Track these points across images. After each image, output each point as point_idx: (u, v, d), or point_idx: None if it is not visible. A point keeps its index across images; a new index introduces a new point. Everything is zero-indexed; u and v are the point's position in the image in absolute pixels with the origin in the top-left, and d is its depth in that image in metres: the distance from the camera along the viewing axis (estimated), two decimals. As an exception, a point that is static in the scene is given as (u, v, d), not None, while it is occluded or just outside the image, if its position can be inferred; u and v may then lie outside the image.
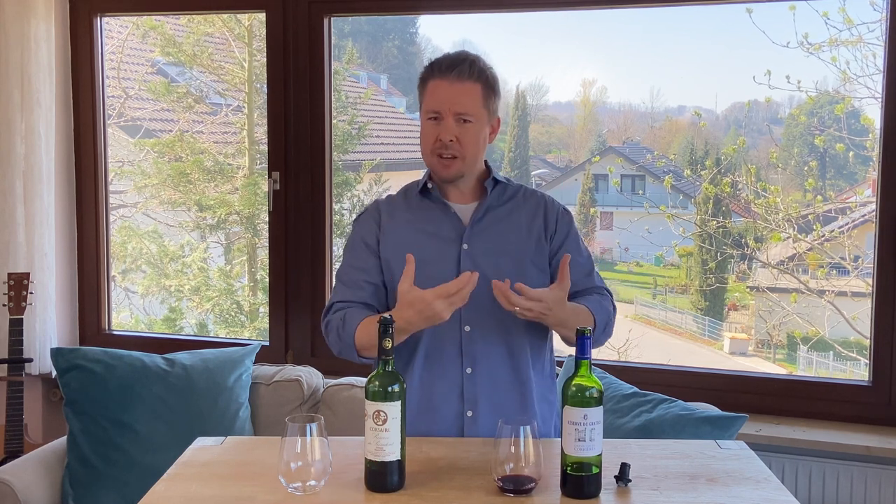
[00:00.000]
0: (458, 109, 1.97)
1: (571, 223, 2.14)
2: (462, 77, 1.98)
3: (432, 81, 2.01)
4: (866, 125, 3.82)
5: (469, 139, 1.99)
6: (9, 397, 3.10)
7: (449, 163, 2.00)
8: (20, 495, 2.58)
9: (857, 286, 4.04)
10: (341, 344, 2.00)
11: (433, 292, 1.80)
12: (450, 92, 1.97)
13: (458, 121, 1.98)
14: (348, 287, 2.06)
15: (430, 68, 2.03)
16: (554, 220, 2.10)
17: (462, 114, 1.97)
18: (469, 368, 2.00)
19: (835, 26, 3.62)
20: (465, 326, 2.00)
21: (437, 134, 1.98)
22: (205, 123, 4.92)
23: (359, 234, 2.12)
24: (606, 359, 3.43)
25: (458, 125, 1.98)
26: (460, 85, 1.98)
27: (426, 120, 2.01)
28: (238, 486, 1.70)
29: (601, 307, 2.03)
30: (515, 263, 2.02)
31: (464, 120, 1.98)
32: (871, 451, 2.68)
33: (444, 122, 1.98)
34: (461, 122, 1.98)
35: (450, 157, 1.99)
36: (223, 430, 2.75)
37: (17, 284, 3.15)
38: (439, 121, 1.99)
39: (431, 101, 2.00)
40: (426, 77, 2.03)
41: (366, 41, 5.57)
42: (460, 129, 1.98)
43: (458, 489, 1.66)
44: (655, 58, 5.23)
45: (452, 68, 1.98)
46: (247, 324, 4.88)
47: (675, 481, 1.72)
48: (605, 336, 2.06)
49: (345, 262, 2.12)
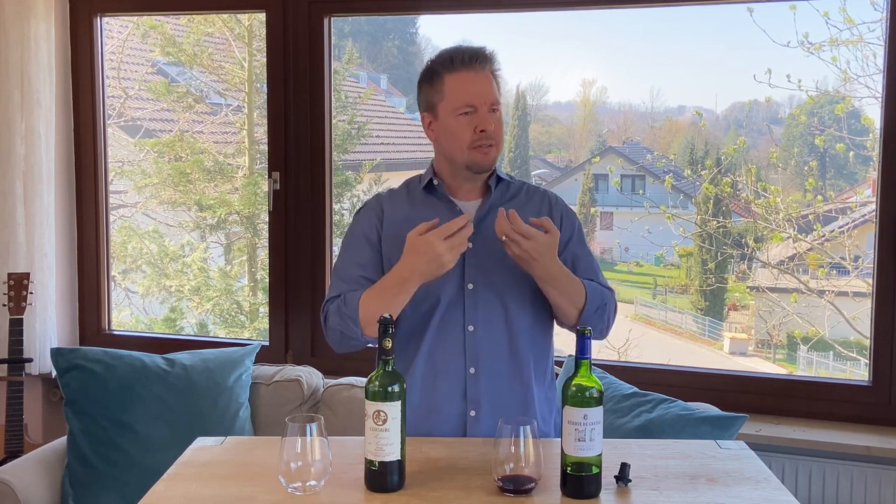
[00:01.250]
0: (492, 99, 1.98)
1: (576, 221, 2.13)
2: (485, 67, 1.99)
3: (456, 74, 1.98)
4: (866, 125, 3.81)
5: (501, 127, 2.01)
6: (9, 397, 3.10)
7: (488, 150, 1.99)
8: (20, 495, 2.59)
9: (858, 286, 4.04)
10: (343, 324, 1.94)
11: (434, 234, 1.83)
12: (480, 83, 1.97)
13: (490, 110, 1.98)
14: (345, 282, 2.02)
15: (448, 62, 1.99)
16: (559, 218, 2.08)
17: (493, 103, 1.98)
18: (472, 368, 1.99)
19: (835, 26, 3.62)
20: (468, 326, 1.99)
21: (475, 126, 1.96)
22: (205, 123, 4.92)
23: (359, 228, 2.09)
24: (606, 359, 3.43)
25: (491, 115, 1.98)
26: (485, 75, 1.99)
27: (457, 116, 1.97)
28: (238, 486, 1.70)
29: (596, 289, 2.00)
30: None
31: (493, 109, 1.99)
32: (871, 451, 2.68)
33: (479, 112, 1.97)
34: (492, 112, 1.99)
35: (488, 146, 1.98)
36: (223, 430, 2.75)
37: (17, 284, 3.15)
38: (472, 114, 1.97)
39: (463, 94, 1.97)
40: (443, 71, 1.99)
41: (366, 41, 5.57)
42: (493, 117, 1.98)
43: (458, 489, 1.66)
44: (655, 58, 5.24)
45: (475, 59, 1.98)
46: (247, 324, 4.88)
47: (675, 481, 1.72)
48: (599, 321, 2.01)
49: (342, 257, 2.09)
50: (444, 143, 2.02)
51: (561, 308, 1.99)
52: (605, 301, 2.01)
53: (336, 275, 2.07)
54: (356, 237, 2.08)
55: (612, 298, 2.07)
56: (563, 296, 1.96)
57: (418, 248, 1.85)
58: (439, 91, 2.00)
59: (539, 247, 1.86)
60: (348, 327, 1.95)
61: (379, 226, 2.06)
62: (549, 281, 1.94)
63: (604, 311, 2.01)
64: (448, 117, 1.99)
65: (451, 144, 2.00)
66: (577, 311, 1.97)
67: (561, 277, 1.93)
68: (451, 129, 1.99)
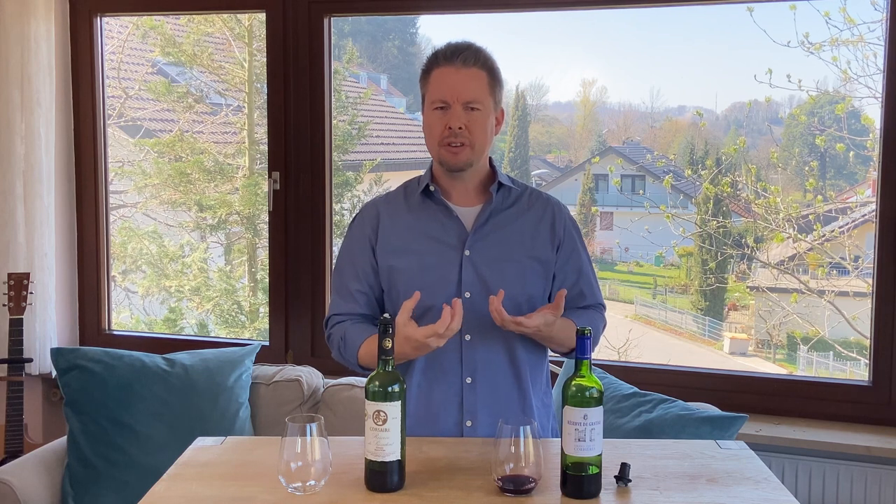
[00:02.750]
0: (467, 97, 1.93)
1: (578, 232, 2.12)
2: (468, 63, 1.94)
3: (438, 69, 1.96)
4: (866, 125, 3.81)
5: (477, 127, 1.95)
6: (9, 397, 3.10)
7: (458, 150, 1.94)
8: (20, 495, 2.58)
9: (858, 286, 4.04)
10: (344, 361, 2.06)
11: (423, 332, 1.81)
12: (456, 78, 1.93)
13: (466, 109, 1.93)
14: (342, 299, 2.08)
15: (433, 57, 1.98)
16: (562, 229, 2.06)
17: (470, 101, 1.93)
18: (469, 378, 1.98)
19: (835, 26, 3.62)
20: (465, 336, 1.98)
21: (445, 122, 1.93)
22: (205, 123, 4.92)
23: (354, 240, 2.09)
24: (606, 359, 3.43)
25: (467, 113, 1.93)
26: (466, 71, 1.93)
27: (432, 110, 1.96)
28: (238, 486, 1.70)
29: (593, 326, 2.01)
30: (518, 270, 2.00)
31: (472, 108, 1.94)
32: (871, 451, 2.68)
33: (451, 110, 1.93)
34: (469, 110, 1.93)
35: (458, 145, 1.94)
36: (223, 430, 2.75)
37: (17, 284, 3.15)
38: (446, 110, 1.94)
39: (437, 89, 1.95)
40: (429, 67, 1.98)
41: (366, 41, 5.57)
42: (468, 116, 1.93)
43: (458, 489, 1.66)
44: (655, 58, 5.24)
45: (457, 55, 1.94)
46: (247, 324, 4.88)
47: (675, 481, 1.72)
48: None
49: (338, 271, 2.11)
50: (425, 138, 2.03)
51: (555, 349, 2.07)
52: (598, 333, 2.08)
53: (334, 289, 2.12)
54: (351, 250, 2.09)
55: (603, 317, 2.12)
56: (560, 345, 2.03)
57: (410, 343, 1.84)
58: (426, 84, 2.00)
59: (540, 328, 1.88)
60: (348, 363, 2.06)
61: (373, 237, 2.06)
62: (547, 342, 2.01)
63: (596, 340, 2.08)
64: (427, 111, 1.99)
65: (427, 139, 2.01)
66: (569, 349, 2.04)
67: (559, 336, 1.97)
68: (427, 123, 1.99)
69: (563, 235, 2.06)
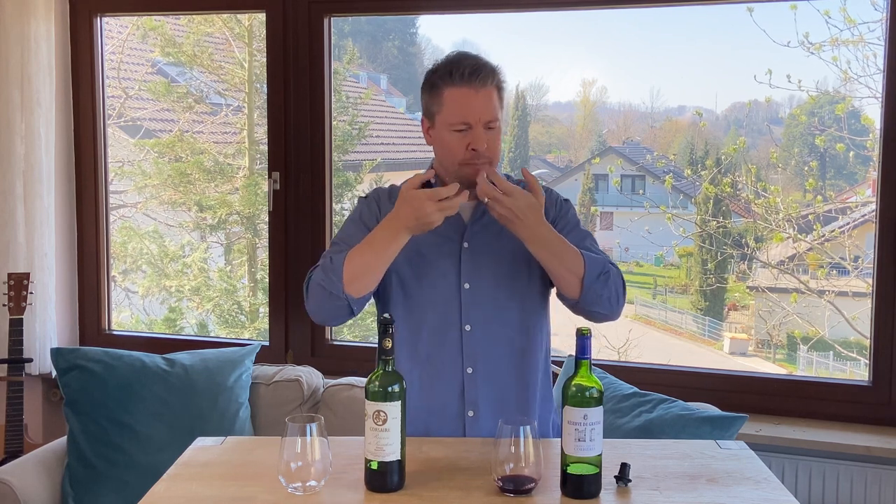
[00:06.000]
0: (487, 118, 1.94)
1: (570, 209, 2.11)
2: (486, 84, 1.95)
3: (454, 89, 1.95)
4: (866, 125, 3.81)
5: (496, 143, 1.98)
6: (9, 397, 3.10)
7: (480, 168, 1.94)
8: (20, 495, 2.58)
9: (857, 286, 4.04)
10: (327, 279, 1.89)
11: (426, 193, 1.83)
12: (476, 101, 1.94)
13: (486, 128, 1.95)
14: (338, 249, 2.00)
15: (447, 75, 1.96)
16: (553, 209, 2.07)
17: (490, 121, 1.95)
18: (470, 368, 1.99)
19: (836, 26, 3.62)
20: (465, 326, 1.99)
21: (466, 143, 1.94)
22: (205, 123, 4.92)
23: (361, 214, 2.09)
24: (606, 359, 3.43)
25: (486, 132, 1.95)
26: (485, 92, 1.95)
27: (452, 132, 1.96)
28: (238, 486, 1.70)
29: (595, 257, 1.95)
30: (516, 261, 2.01)
31: (490, 126, 1.96)
32: (871, 451, 2.68)
33: (474, 131, 1.94)
34: (488, 129, 1.96)
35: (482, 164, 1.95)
36: (223, 430, 2.75)
37: (17, 284, 3.15)
38: (467, 131, 1.95)
39: (458, 112, 1.94)
40: (442, 84, 1.96)
41: (366, 41, 5.57)
42: (489, 135, 1.95)
43: (458, 489, 1.66)
44: (655, 58, 5.23)
45: (476, 75, 1.94)
46: (247, 324, 4.88)
47: (675, 481, 1.72)
48: (605, 287, 1.93)
49: (338, 235, 2.08)
50: (438, 152, 2.03)
51: (560, 277, 1.93)
52: (607, 269, 1.94)
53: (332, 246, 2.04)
54: (356, 221, 2.08)
55: (616, 269, 1.99)
56: (557, 258, 1.91)
57: (410, 202, 1.85)
58: (438, 102, 1.98)
59: (520, 203, 1.85)
60: (331, 281, 1.89)
61: (377, 219, 2.04)
62: (539, 244, 1.89)
63: (607, 277, 1.93)
64: (443, 130, 1.98)
65: (445, 156, 2.00)
66: (578, 280, 1.91)
67: (551, 240, 1.89)
68: (445, 142, 1.98)
69: (556, 215, 2.06)
